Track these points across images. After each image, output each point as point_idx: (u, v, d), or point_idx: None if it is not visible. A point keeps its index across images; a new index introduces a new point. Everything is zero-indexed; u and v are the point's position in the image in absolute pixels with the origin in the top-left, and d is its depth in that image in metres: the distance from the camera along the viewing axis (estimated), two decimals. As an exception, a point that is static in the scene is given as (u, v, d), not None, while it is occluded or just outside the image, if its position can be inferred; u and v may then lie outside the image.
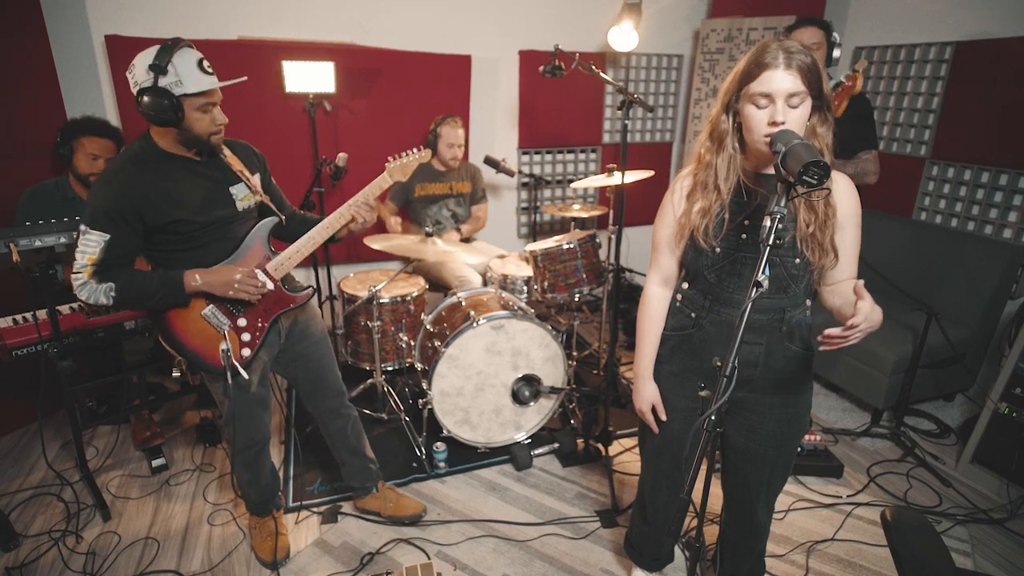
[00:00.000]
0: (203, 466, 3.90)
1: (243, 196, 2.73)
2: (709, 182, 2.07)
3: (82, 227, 2.41)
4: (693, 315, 2.26)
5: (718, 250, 2.09)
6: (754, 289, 1.66)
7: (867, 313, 1.71)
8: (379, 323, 4.07)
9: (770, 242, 1.66)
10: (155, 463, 3.83)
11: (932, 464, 3.92)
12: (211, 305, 2.70)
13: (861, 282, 1.78)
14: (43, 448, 3.62)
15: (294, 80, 4.65)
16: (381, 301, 4.20)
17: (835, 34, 3.78)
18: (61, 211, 3.68)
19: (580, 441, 4.00)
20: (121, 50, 4.43)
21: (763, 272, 1.66)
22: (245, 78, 2.60)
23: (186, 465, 3.91)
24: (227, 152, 2.72)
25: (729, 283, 2.13)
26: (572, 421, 4.21)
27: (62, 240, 2.99)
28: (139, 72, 2.39)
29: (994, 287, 4.23)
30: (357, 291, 4.30)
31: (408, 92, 5.33)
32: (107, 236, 2.41)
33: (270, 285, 2.77)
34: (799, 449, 3.81)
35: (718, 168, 2.05)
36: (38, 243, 2.93)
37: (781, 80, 1.83)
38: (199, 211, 2.57)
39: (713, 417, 1.70)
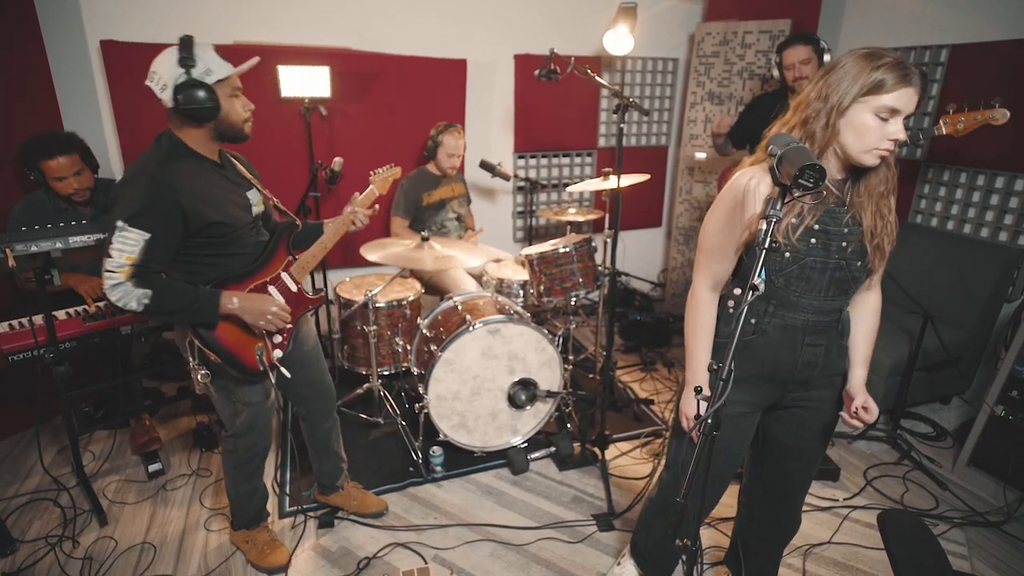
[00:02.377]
0: (200, 471, 3.89)
1: (257, 201, 2.74)
2: None
3: (118, 223, 2.28)
4: (753, 320, 2.20)
5: (788, 255, 2.04)
6: (750, 292, 1.67)
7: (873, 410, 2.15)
8: (375, 327, 4.07)
9: (767, 245, 1.67)
10: (152, 468, 3.82)
11: (928, 467, 3.93)
12: None
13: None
14: (40, 453, 3.62)
15: (290, 85, 4.64)
16: (377, 305, 4.19)
17: (823, 42, 3.97)
18: (54, 222, 3.66)
19: (577, 445, 4.00)
20: (117, 55, 4.42)
21: (759, 275, 1.67)
22: (258, 59, 2.58)
23: (183, 470, 3.90)
24: (235, 160, 2.76)
25: (797, 287, 2.09)
26: (568, 425, 4.21)
27: (58, 245, 2.98)
28: (167, 72, 2.35)
29: (990, 290, 4.24)
30: (353, 295, 4.30)
31: (404, 96, 5.33)
32: (147, 235, 2.30)
33: (294, 288, 2.84)
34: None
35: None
36: (34, 248, 2.92)
37: (911, 99, 1.83)
38: (231, 215, 2.55)
39: (710, 421, 1.70)
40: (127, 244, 2.29)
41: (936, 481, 3.79)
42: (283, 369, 2.77)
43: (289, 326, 2.79)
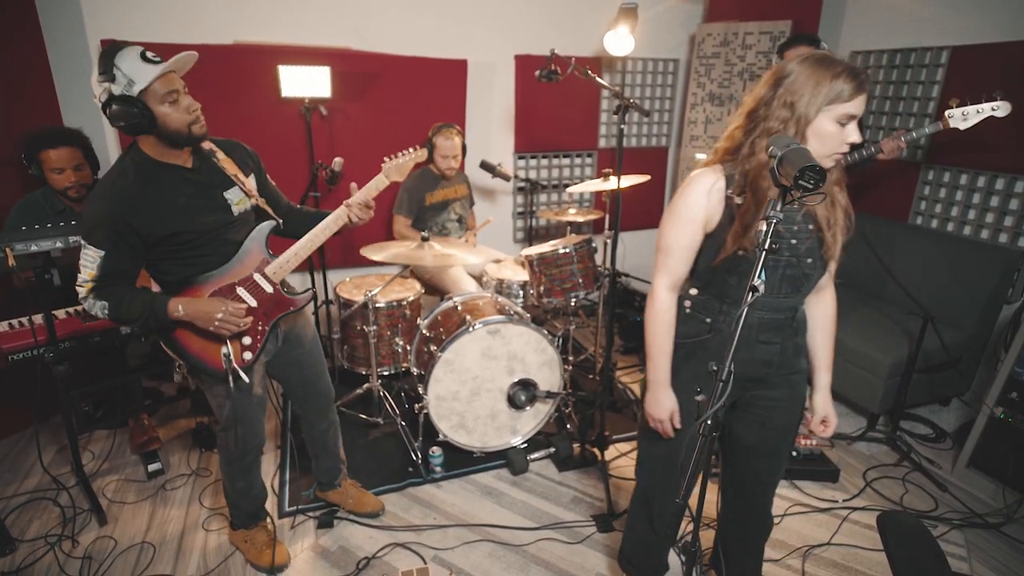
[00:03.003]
0: (199, 471, 3.89)
1: (238, 200, 2.69)
2: (761, 185, 2.00)
3: (81, 240, 2.41)
4: (708, 320, 2.24)
5: (739, 253, 2.06)
6: (750, 293, 1.67)
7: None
8: (375, 328, 4.07)
9: (766, 247, 1.67)
10: (151, 468, 3.82)
11: (928, 468, 3.93)
12: None
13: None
14: (39, 453, 3.62)
15: (290, 85, 4.64)
16: (377, 306, 4.20)
17: (824, 44, 3.89)
18: (51, 222, 3.65)
19: (576, 446, 4.00)
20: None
21: (759, 276, 1.67)
22: (194, 54, 2.46)
23: (182, 470, 3.91)
24: (220, 155, 2.69)
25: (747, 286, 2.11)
26: (568, 425, 4.21)
27: (58, 245, 2.98)
28: (96, 90, 2.34)
29: (990, 292, 4.24)
30: (353, 296, 4.30)
31: (404, 96, 5.34)
32: (102, 252, 2.39)
33: (269, 289, 2.77)
34: (795, 453, 3.82)
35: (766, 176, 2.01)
36: (34, 247, 2.92)
37: (863, 104, 1.93)
38: (195, 221, 2.53)
39: (709, 422, 1.71)
40: (87, 261, 2.42)
41: (935, 483, 3.79)
42: (243, 375, 2.73)
43: (258, 327, 2.77)
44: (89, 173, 3.78)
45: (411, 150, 2.99)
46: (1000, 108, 3.46)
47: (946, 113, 3.59)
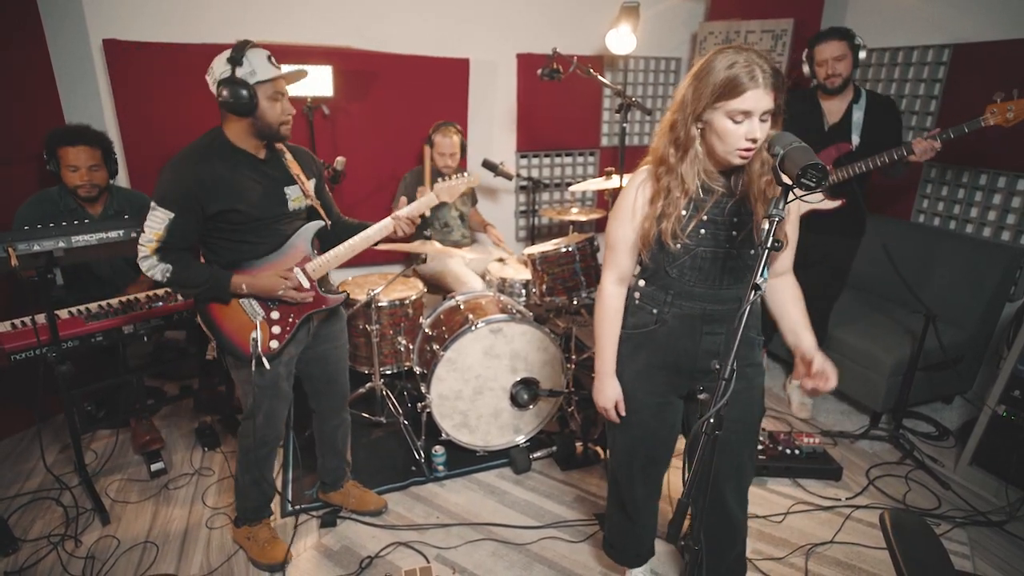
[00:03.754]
0: (202, 470, 3.89)
1: (295, 197, 2.89)
2: (674, 187, 2.11)
3: (152, 203, 2.60)
4: (655, 311, 2.31)
5: (679, 246, 2.14)
6: (752, 292, 1.68)
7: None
8: (377, 327, 4.07)
9: (768, 244, 1.68)
10: (154, 467, 3.83)
11: (931, 467, 3.92)
12: None
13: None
14: (42, 452, 3.61)
15: (292, 84, 4.63)
16: (379, 305, 4.19)
17: (858, 38, 3.85)
18: (62, 220, 3.67)
19: (579, 444, 4.00)
20: (119, 54, 4.43)
21: (761, 275, 1.68)
22: (306, 70, 2.90)
23: (185, 469, 3.91)
24: (288, 156, 2.91)
25: (690, 277, 2.20)
26: (571, 424, 4.20)
27: (60, 245, 3.00)
28: (217, 67, 2.60)
29: (992, 289, 4.23)
30: (356, 294, 4.29)
31: (406, 96, 5.34)
32: (171, 215, 2.59)
33: (307, 284, 2.91)
34: (797, 451, 3.82)
35: (685, 174, 2.10)
36: (36, 247, 2.94)
37: (761, 99, 1.90)
38: (254, 205, 2.72)
39: (712, 420, 1.71)
40: (155, 222, 2.61)
41: (938, 481, 3.79)
42: (266, 361, 2.84)
43: (288, 319, 2.90)
44: (105, 175, 3.82)
45: (465, 174, 3.23)
46: None
47: (988, 112, 3.51)
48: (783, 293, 2.34)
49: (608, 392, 2.44)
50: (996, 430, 3.68)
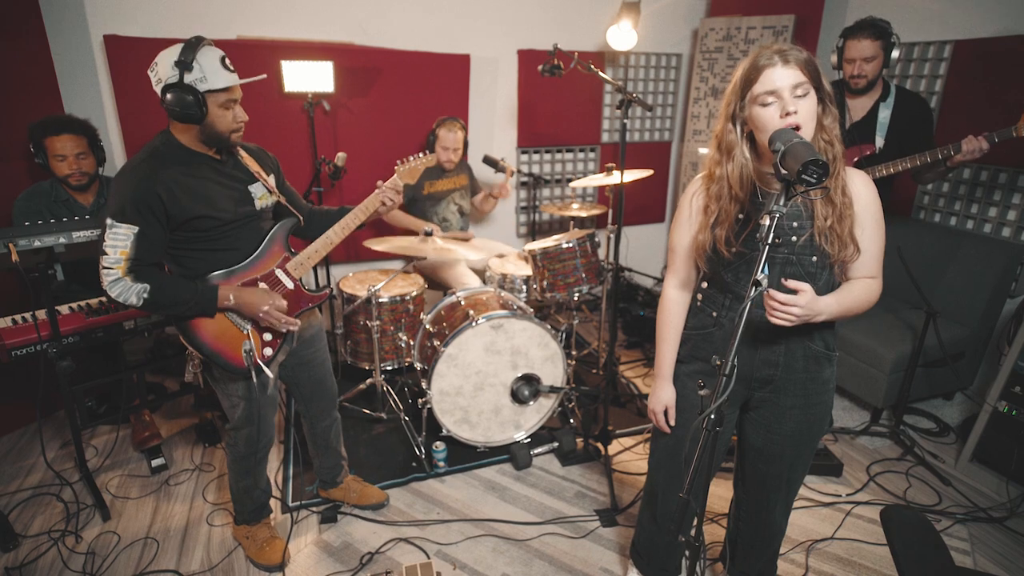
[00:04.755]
0: (202, 466, 3.90)
1: (261, 195, 2.77)
2: (724, 193, 2.09)
3: (108, 220, 2.40)
4: (714, 314, 2.27)
5: (735, 249, 2.09)
6: (753, 288, 1.67)
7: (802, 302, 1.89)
8: (378, 323, 4.07)
9: (769, 241, 1.67)
10: (154, 463, 3.83)
11: (931, 463, 3.92)
12: None
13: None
14: (42, 448, 3.61)
15: (293, 80, 4.64)
16: (380, 300, 4.19)
17: (895, 36, 3.67)
18: (55, 213, 3.69)
19: (579, 440, 4.00)
20: (120, 50, 4.43)
21: (762, 271, 1.68)
22: (264, 76, 2.67)
23: (185, 465, 3.91)
24: (243, 154, 2.76)
25: (745, 282, 2.13)
26: (571, 420, 4.21)
27: (61, 240, 2.99)
28: (163, 69, 2.41)
29: (993, 286, 4.23)
30: (356, 291, 4.30)
31: (407, 91, 5.33)
32: (136, 228, 2.41)
33: (290, 285, 2.83)
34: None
35: (731, 179, 2.07)
36: (37, 243, 2.94)
37: (782, 75, 1.88)
38: (221, 208, 2.58)
39: (712, 416, 1.70)
40: (119, 239, 2.40)
41: (939, 477, 3.79)
42: (267, 370, 2.77)
43: (294, 327, 2.79)
44: (93, 162, 3.81)
45: (421, 155, 3.16)
46: None
47: (1022, 122, 3.36)
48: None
49: (662, 396, 2.41)
50: (997, 426, 3.67)
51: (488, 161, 5.03)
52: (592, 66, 3.67)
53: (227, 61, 2.48)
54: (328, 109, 4.98)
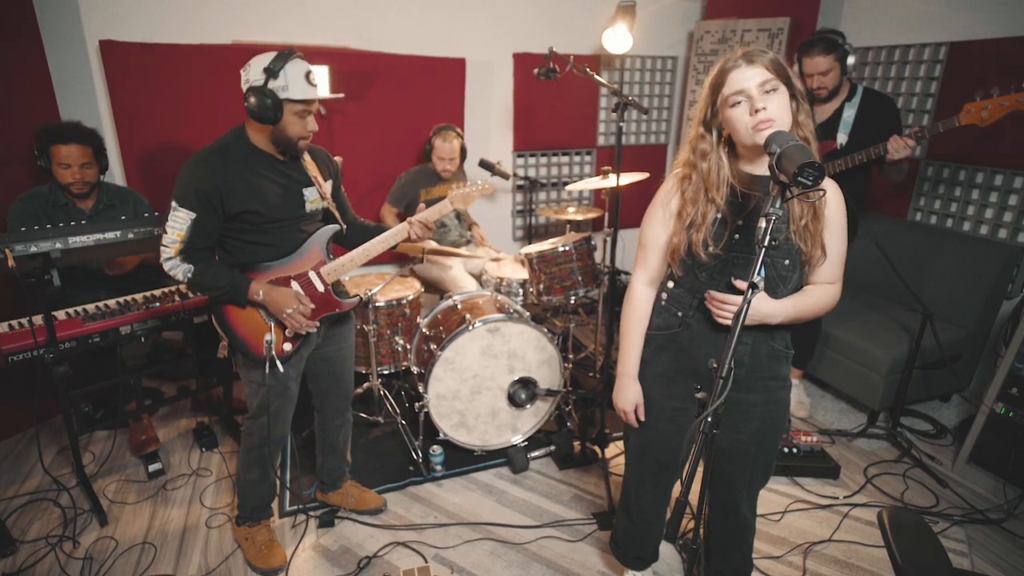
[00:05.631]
0: (200, 470, 3.89)
1: (313, 199, 2.88)
2: (700, 197, 2.11)
3: (173, 203, 2.60)
4: (680, 314, 2.27)
5: (712, 250, 2.09)
6: (750, 291, 1.67)
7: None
8: (375, 327, 4.08)
9: (765, 243, 1.67)
10: (152, 468, 3.82)
11: (929, 465, 3.93)
12: None
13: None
14: (39, 453, 3.61)
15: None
16: (377, 304, 4.20)
17: (848, 45, 3.79)
18: (53, 217, 3.69)
19: (576, 443, 4.00)
20: (115, 55, 4.42)
21: (759, 273, 1.67)
22: (342, 95, 2.78)
23: (183, 470, 3.90)
24: (307, 158, 2.89)
25: (720, 282, 2.14)
26: (568, 424, 4.21)
27: (57, 246, 2.99)
28: (254, 71, 2.57)
29: (990, 287, 4.24)
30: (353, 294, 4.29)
31: (403, 95, 5.34)
32: (193, 215, 2.59)
33: (320, 288, 2.93)
34: (795, 450, 3.82)
35: (707, 180, 2.09)
36: (33, 249, 2.94)
37: (747, 74, 1.93)
38: (272, 206, 2.72)
39: (710, 419, 1.70)
40: (177, 222, 2.61)
41: (936, 479, 3.80)
42: (279, 364, 2.85)
43: (312, 329, 2.89)
44: (96, 172, 3.82)
45: (480, 183, 3.17)
46: None
47: (964, 110, 3.47)
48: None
49: (628, 395, 2.42)
50: (994, 428, 3.68)
51: (484, 164, 5.03)
52: (588, 69, 3.68)
53: (311, 76, 2.67)
54: (324, 113, 4.98)
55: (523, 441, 4.03)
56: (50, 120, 4.07)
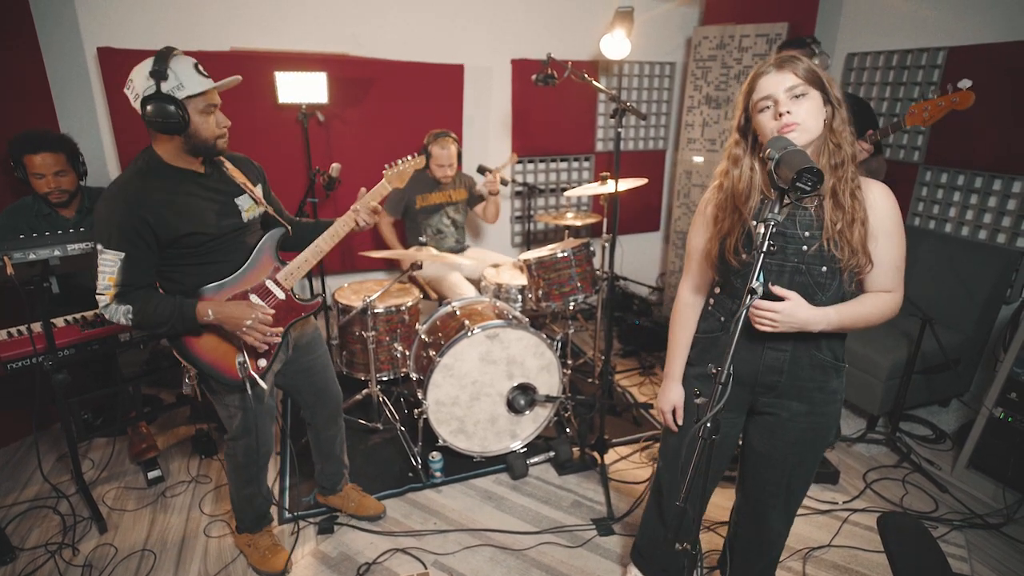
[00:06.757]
0: (199, 478, 3.88)
1: (248, 207, 2.73)
2: (729, 204, 2.14)
3: (98, 247, 2.42)
4: (722, 319, 2.31)
5: (745, 257, 2.11)
6: (749, 296, 1.68)
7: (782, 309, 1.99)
8: (374, 333, 4.08)
9: (764, 249, 1.68)
10: (151, 475, 3.82)
11: (928, 469, 3.93)
12: None
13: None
14: (39, 461, 3.61)
15: (287, 91, 4.65)
16: (376, 311, 4.19)
17: (815, 48, 3.83)
18: (37, 227, 3.64)
19: (576, 449, 4.00)
20: (114, 62, 4.44)
21: (757, 279, 1.68)
22: (239, 77, 2.61)
23: (182, 477, 3.90)
24: (228, 165, 2.73)
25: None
26: (568, 430, 4.21)
27: (56, 253, 2.99)
28: (139, 82, 2.37)
29: (988, 292, 4.25)
30: (352, 301, 4.29)
31: (401, 101, 5.34)
32: (122, 254, 2.41)
33: (281, 295, 2.81)
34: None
35: (735, 189, 2.12)
36: (32, 256, 2.93)
37: (775, 80, 1.95)
38: (209, 224, 2.56)
39: (708, 424, 1.71)
40: (106, 265, 2.42)
41: (935, 484, 3.79)
42: (261, 382, 2.75)
43: (276, 339, 2.78)
44: (73, 179, 3.76)
45: (409, 157, 3.07)
46: (959, 100, 3.30)
47: (909, 112, 3.48)
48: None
49: (670, 396, 2.47)
50: (993, 433, 3.68)
51: (482, 171, 5.04)
52: (586, 75, 3.69)
53: (200, 67, 2.47)
54: (322, 120, 4.99)
55: (522, 447, 4.03)
56: (48, 127, 4.09)
